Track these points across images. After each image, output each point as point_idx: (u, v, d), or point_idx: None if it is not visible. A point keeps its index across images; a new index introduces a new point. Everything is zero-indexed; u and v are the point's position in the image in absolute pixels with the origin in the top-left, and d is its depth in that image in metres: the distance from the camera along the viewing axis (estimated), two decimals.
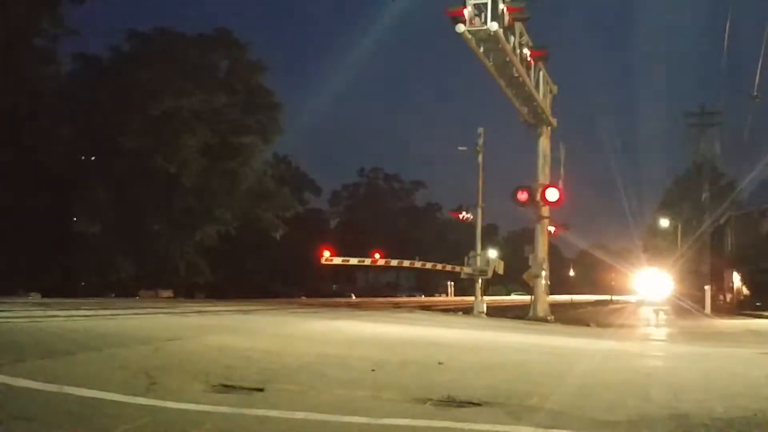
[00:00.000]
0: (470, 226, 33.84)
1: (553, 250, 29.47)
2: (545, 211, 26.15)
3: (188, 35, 52.71)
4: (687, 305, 35.90)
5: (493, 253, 31.69)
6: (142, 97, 47.32)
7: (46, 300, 25.51)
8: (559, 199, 25.44)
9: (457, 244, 55.38)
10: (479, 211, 30.44)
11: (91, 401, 5.61)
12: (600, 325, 23.29)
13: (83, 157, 47.66)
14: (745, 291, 50.62)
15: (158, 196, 49.01)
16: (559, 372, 8.67)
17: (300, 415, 5.39)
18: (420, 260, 34.64)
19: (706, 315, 33.04)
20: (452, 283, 72.04)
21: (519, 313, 27.34)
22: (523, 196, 25.34)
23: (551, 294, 28.83)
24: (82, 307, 17.73)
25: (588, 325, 22.69)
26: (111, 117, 46.45)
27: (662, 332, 20.16)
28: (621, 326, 23.23)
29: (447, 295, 71.57)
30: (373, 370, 7.83)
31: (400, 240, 74.00)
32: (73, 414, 5.19)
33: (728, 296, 52.25)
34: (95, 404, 5.53)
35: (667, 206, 57.31)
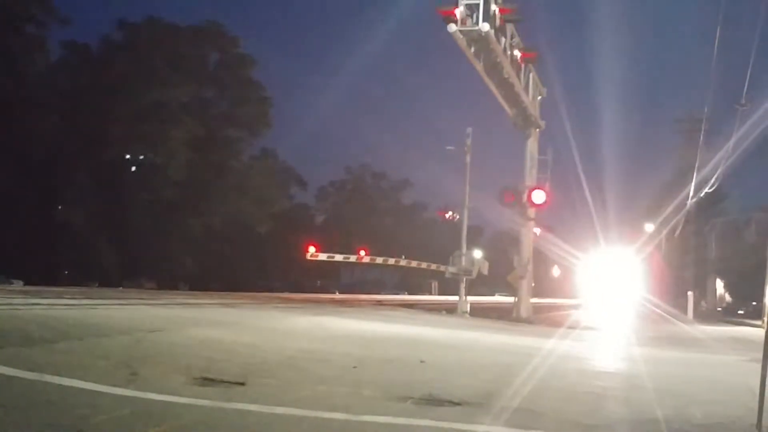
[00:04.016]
0: (456, 226, 33.92)
1: (538, 252, 29.45)
2: (531, 213, 26.19)
3: (178, 26, 52.50)
4: (662, 311, 35.79)
5: (478, 254, 31.70)
6: (130, 87, 47.10)
7: (28, 288, 25.39)
8: (545, 201, 25.50)
9: (442, 243, 55.35)
10: (465, 211, 30.47)
11: (71, 390, 5.58)
12: (581, 327, 23.36)
13: (69, 146, 47.35)
14: (728, 298, 50.99)
15: (144, 186, 48.79)
16: (540, 373, 8.70)
17: (280, 410, 5.38)
18: (405, 259, 34.65)
19: (689, 321, 33.15)
20: (436, 282, 72.02)
21: (502, 314, 27.37)
22: (509, 197, 25.39)
23: (535, 296, 28.89)
24: (65, 296, 17.64)
25: (570, 328, 22.76)
26: (98, 106, 46.22)
27: (644, 337, 20.23)
28: (603, 330, 23.31)
29: (431, 294, 71.54)
30: (354, 367, 7.84)
31: (386, 238, 73.90)
32: (52, 402, 5.16)
33: (708, 303, 52.57)
34: (75, 393, 5.51)
35: (652, 211, 57.55)
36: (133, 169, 48.79)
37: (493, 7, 18.31)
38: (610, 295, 42.51)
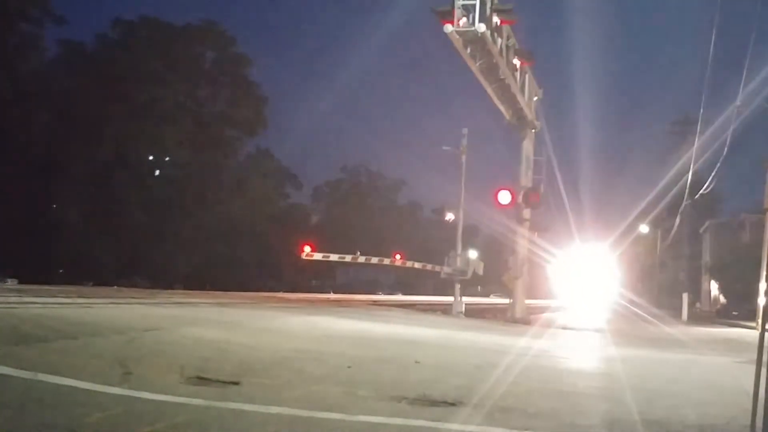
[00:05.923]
0: (451, 226, 33.90)
1: (532, 253, 29.39)
2: (526, 213, 26.16)
3: (174, 25, 52.43)
4: (657, 313, 35.62)
5: (473, 254, 31.68)
6: (125, 86, 47.04)
7: (23, 286, 25.26)
8: (538, 202, 25.52)
9: (437, 243, 55.38)
10: (461, 211, 30.47)
11: (65, 389, 5.57)
12: (575, 329, 23.37)
13: (64, 144, 47.27)
14: (722, 299, 51.06)
15: (138, 185, 48.70)
16: (534, 374, 8.71)
17: (274, 409, 5.37)
18: (400, 259, 34.61)
19: (683, 323, 33.20)
20: (432, 283, 72.00)
21: (497, 315, 27.35)
22: (504, 197, 25.36)
23: (530, 296, 28.85)
24: (59, 295, 17.58)
25: (563, 329, 22.77)
26: (93, 104, 46.14)
27: (638, 339, 20.24)
28: (596, 331, 23.31)
29: (427, 294, 71.48)
30: (349, 367, 7.84)
31: (381, 238, 73.85)
32: (46, 401, 5.15)
33: (703, 304, 52.68)
34: (69, 392, 5.49)
35: (647, 213, 57.72)
36: (128, 167, 48.60)
37: (490, 8, 18.31)
38: (603, 296, 42.49)
